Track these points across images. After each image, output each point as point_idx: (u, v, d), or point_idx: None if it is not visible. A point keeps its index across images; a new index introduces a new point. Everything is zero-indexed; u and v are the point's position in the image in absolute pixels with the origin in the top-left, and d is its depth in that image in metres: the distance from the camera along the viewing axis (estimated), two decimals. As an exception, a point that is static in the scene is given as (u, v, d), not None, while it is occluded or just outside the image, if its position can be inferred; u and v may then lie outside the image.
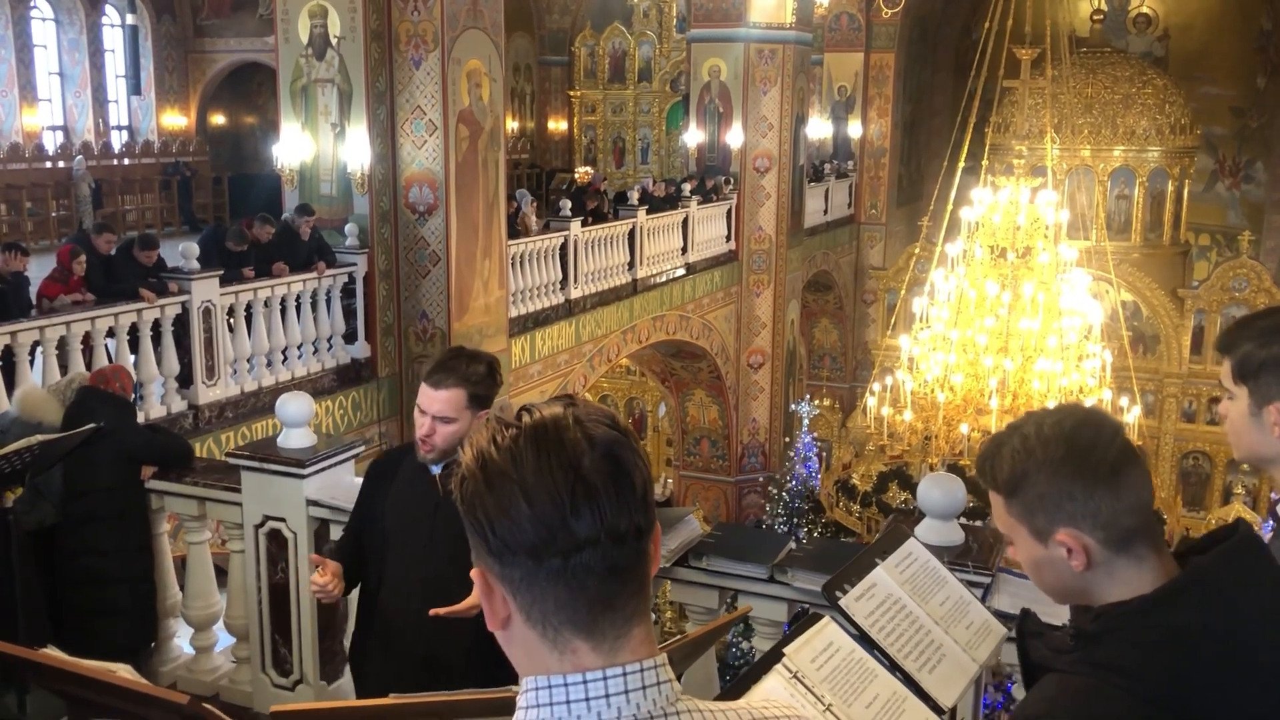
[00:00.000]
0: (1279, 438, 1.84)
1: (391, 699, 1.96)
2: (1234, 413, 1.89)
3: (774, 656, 2.07)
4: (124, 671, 1.99)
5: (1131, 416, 12.50)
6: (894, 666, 2.23)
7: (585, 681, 1.10)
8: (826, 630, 2.19)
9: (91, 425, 4.13)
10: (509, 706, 1.94)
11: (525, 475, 1.08)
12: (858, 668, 2.14)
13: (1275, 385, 1.82)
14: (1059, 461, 1.48)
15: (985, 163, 13.74)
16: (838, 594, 2.33)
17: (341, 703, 2.32)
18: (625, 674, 1.10)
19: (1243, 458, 1.95)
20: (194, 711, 1.81)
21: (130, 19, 21.70)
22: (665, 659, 1.14)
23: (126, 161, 20.84)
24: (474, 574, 1.15)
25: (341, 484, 4.28)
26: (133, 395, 5.11)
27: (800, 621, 2.28)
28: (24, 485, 3.85)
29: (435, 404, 2.94)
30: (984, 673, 3.62)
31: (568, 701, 1.10)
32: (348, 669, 4.34)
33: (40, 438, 3.81)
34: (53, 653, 2.07)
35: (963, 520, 3.76)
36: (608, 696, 1.09)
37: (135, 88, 22.03)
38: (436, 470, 3.04)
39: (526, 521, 1.07)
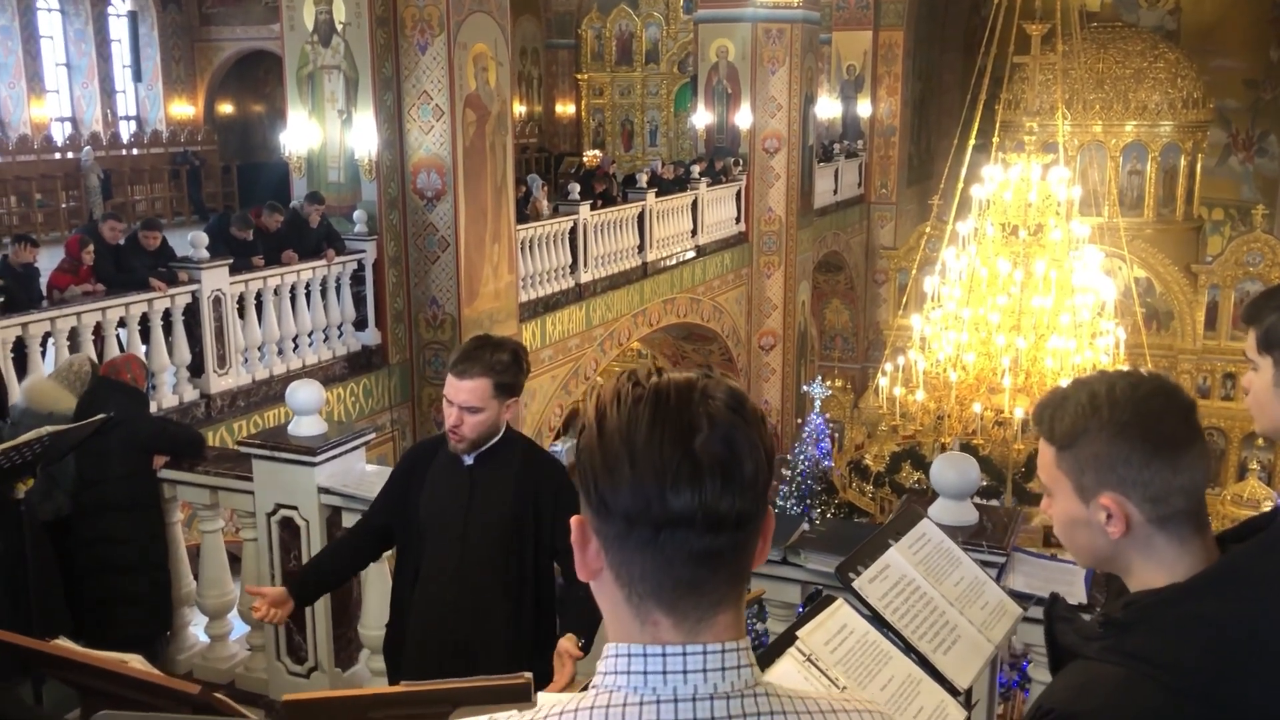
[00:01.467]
0: None
1: (402, 686, 1.95)
2: (1258, 384, 1.84)
3: (787, 639, 2.06)
4: (135, 662, 1.99)
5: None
6: (909, 648, 2.21)
7: (664, 655, 1.09)
8: (840, 612, 2.18)
9: (102, 416, 4.13)
10: (521, 693, 1.93)
11: (636, 439, 1.07)
12: (872, 650, 2.12)
13: None
14: (1123, 425, 1.44)
15: (996, 140, 13.63)
16: (851, 576, 2.31)
17: (353, 691, 2.32)
18: (705, 653, 1.10)
19: (1265, 430, 1.90)
20: (204, 701, 1.80)
21: (131, 4, 21.66)
22: (749, 644, 1.13)
23: (135, 151, 20.84)
24: (573, 521, 1.14)
25: (353, 471, 4.28)
26: (146, 385, 5.11)
27: (814, 604, 2.27)
28: (35, 476, 3.85)
29: (461, 394, 2.93)
30: (1000, 651, 3.61)
31: (645, 672, 1.09)
32: (362, 656, 4.38)
33: (50, 429, 3.82)
34: (64, 643, 2.07)
35: (977, 500, 3.74)
36: (685, 673, 1.09)
37: (136, 74, 22.01)
38: (469, 461, 3.03)
39: (626, 485, 1.07)
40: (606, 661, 1.13)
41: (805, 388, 18.08)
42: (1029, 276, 12.02)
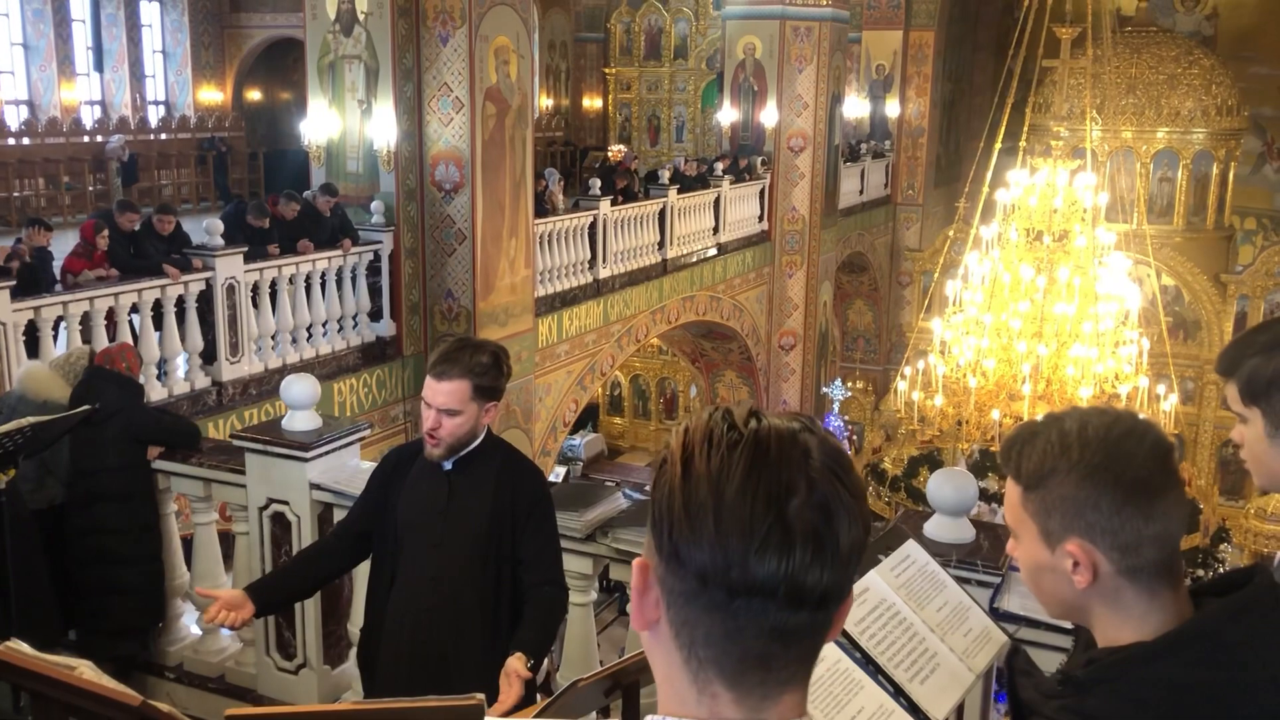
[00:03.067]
0: None
1: (348, 704, 1.90)
2: (1250, 437, 1.73)
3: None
4: (84, 669, 1.94)
5: (1169, 404, 12.25)
6: (884, 677, 2.14)
7: None
8: (812, 638, 2.10)
9: (87, 407, 4.11)
10: (473, 714, 1.87)
11: (725, 491, 0.97)
12: (843, 679, 2.05)
13: None
14: (1094, 467, 1.35)
15: (1024, 144, 13.46)
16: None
17: (299, 708, 2.27)
18: None
19: (1264, 484, 1.80)
20: (145, 713, 1.75)
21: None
22: None
23: (163, 136, 20.94)
24: (635, 564, 1.04)
25: (345, 468, 4.23)
26: (140, 375, 5.09)
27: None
28: (15, 467, 3.83)
29: (439, 396, 2.88)
30: (996, 671, 3.52)
31: None
32: (351, 654, 4.33)
33: (32, 419, 3.79)
34: (16, 646, 2.03)
35: (979, 513, 3.66)
36: None
37: (166, 59, 22.15)
38: (448, 467, 2.98)
39: (706, 541, 0.96)
40: None
41: (825, 389, 17.98)
42: (1052, 283, 11.86)
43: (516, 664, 2.63)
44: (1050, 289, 11.88)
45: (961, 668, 2.26)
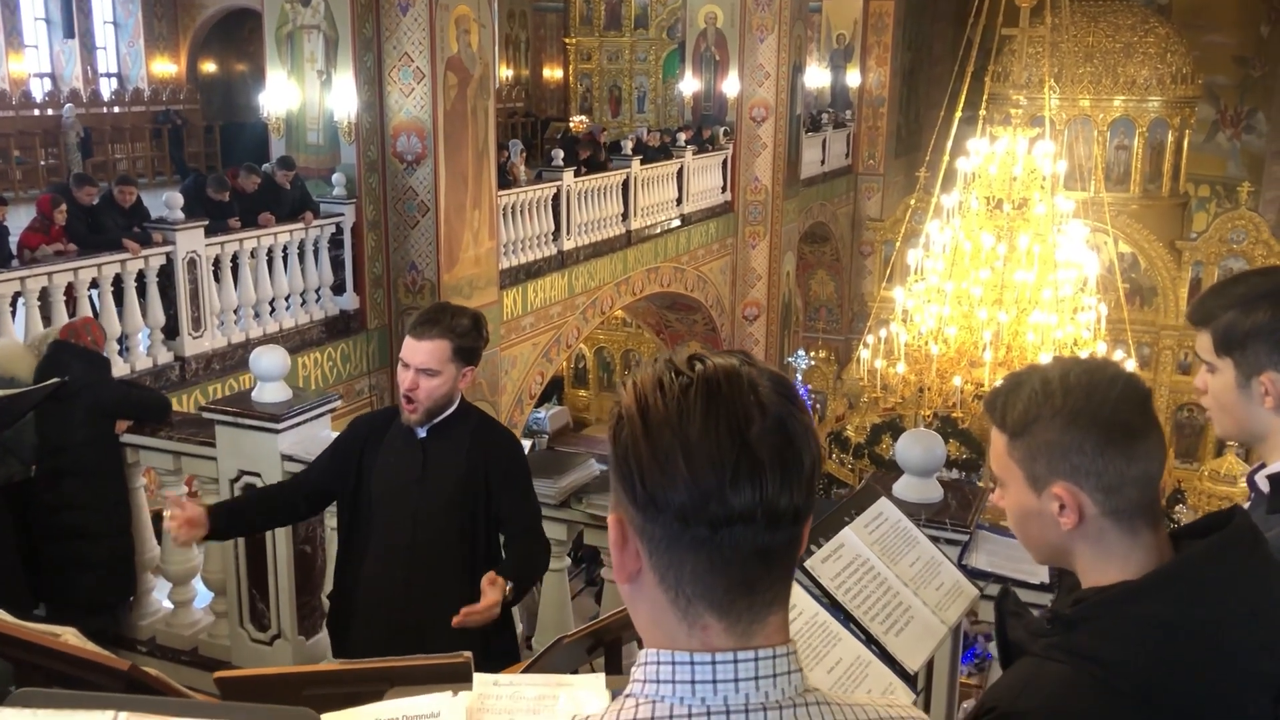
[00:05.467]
0: (1270, 409, 1.75)
1: (339, 664, 1.92)
2: (1217, 386, 1.79)
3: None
4: (69, 635, 1.95)
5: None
6: (859, 629, 2.19)
7: (714, 662, 1.03)
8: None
9: (55, 380, 4.07)
10: (460, 672, 1.90)
11: (689, 432, 1.00)
12: (821, 631, 2.09)
13: (1266, 354, 1.72)
14: (1076, 412, 1.40)
15: (983, 113, 13.55)
16: (804, 555, 2.28)
17: (288, 668, 2.29)
18: (758, 659, 1.03)
19: (1227, 433, 1.86)
20: (134, 677, 1.76)
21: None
22: (795, 648, 1.07)
23: (116, 109, 20.58)
24: (610, 520, 1.07)
25: (317, 439, 4.22)
26: (104, 349, 5.04)
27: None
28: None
29: (419, 355, 2.88)
30: (966, 626, 3.61)
31: (693, 681, 1.03)
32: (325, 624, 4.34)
33: (1, 393, 3.75)
34: (-3, 614, 2.03)
35: (948, 475, 3.73)
36: (737, 681, 1.02)
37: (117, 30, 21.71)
38: (422, 434, 2.98)
39: (682, 482, 0.99)
40: (646, 669, 1.05)
41: (789, 359, 18.08)
42: (1012, 251, 12.00)
43: (498, 584, 2.63)
44: (1010, 256, 12.01)
45: (934, 620, 2.32)
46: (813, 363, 18.82)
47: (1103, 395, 1.41)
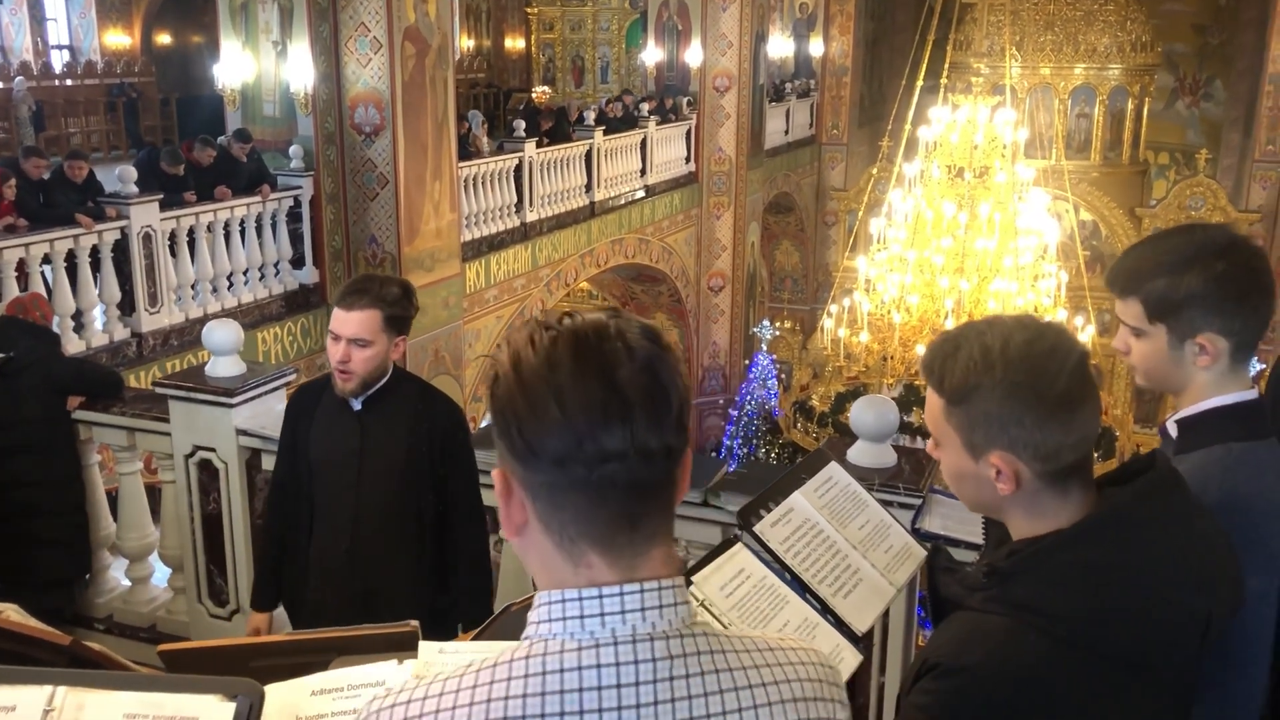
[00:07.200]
0: (1204, 367, 1.77)
1: (286, 635, 1.91)
2: (1148, 350, 1.79)
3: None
4: (10, 612, 1.92)
5: (1086, 335, 12.57)
6: (808, 592, 2.20)
7: (601, 596, 1.06)
8: (738, 557, 2.16)
9: (1, 355, 4.00)
10: (407, 640, 1.90)
11: (560, 380, 1.04)
12: (768, 594, 2.11)
13: (1201, 317, 1.72)
14: (1016, 385, 1.40)
15: (945, 81, 13.57)
16: (753, 519, 2.29)
17: (233, 640, 2.28)
18: (642, 591, 1.07)
19: (1150, 385, 1.89)
20: (77, 652, 1.75)
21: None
22: (684, 581, 1.11)
23: (69, 82, 20.17)
24: (495, 474, 1.11)
25: (272, 413, 4.19)
26: (54, 324, 4.96)
27: (714, 549, 2.25)
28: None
29: (350, 325, 2.86)
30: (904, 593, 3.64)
31: (581, 616, 1.06)
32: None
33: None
34: (-63, 592, 2.00)
35: (899, 442, 3.75)
36: (624, 613, 1.06)
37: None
38: (358, 406, 2.96)
39: (555, 428, 1.04)
40: (539, 610, 1.09)
41: (754, 329, 18.12)
42: (973, 219, 12.06)
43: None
44: (972, 225, 12.08)
45: (883, 582, 2.34)
46: (778, 333, 18.87)
47: (1043, 368, 1.41)
